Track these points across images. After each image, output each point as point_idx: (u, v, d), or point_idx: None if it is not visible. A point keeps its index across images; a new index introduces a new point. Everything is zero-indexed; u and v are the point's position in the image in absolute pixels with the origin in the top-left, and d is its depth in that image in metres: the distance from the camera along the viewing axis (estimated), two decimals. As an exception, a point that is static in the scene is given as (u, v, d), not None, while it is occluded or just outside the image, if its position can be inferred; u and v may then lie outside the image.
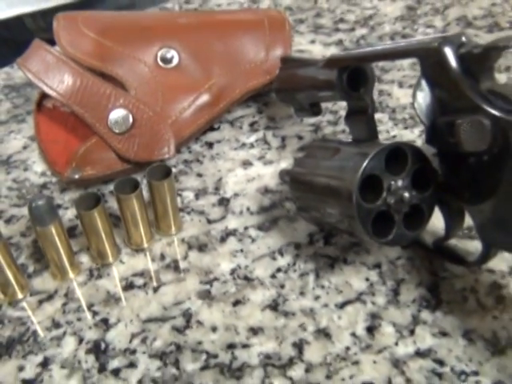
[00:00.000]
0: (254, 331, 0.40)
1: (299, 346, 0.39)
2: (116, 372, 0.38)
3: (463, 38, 0.35)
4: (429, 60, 0.36)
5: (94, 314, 0.42)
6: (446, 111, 0.36)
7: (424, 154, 0.38)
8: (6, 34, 0.98)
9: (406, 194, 0.37)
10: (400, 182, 0.37)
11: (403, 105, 0.58)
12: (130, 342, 0.40)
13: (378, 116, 0.57)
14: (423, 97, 0.37)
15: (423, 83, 0.37)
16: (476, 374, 0.37)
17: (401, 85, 0.61)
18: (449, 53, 0.34)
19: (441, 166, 0.38)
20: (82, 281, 0.44)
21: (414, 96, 0.37)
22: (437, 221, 0.41)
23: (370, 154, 0.36)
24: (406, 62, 0.63)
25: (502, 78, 0.59)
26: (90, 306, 0.42)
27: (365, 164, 0.36)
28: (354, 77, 0.44)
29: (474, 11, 0.73)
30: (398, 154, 0.37)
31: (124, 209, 0.43)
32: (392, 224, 0.38)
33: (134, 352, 0.39)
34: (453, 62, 0.34)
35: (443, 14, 0.73)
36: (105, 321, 0.41)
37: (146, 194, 0.45)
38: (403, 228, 0.38)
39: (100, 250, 0.44)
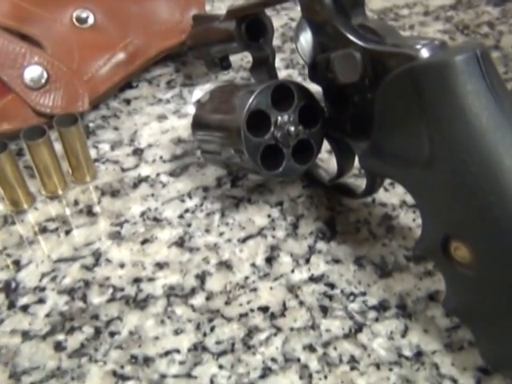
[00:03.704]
0: (160, 266, 0.43)
1: (201, 277, 0.42)
2: (25, 308, 0.40)
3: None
4: (307, 1, 0.38)
5: (7, 256, 0.43)
6: (325, 49, 0.38)
7: (310, 92, 0.41)
8: None
9: (292, 128, 0.40)
10: (286, 117, 0.40)
11: (315, 61, 0.61)
12: (40, 280, 0.42)
13: (288, 72, 0.59)
14: (305, 37, 0.39)
15: (304, 24, 0.39)
16: (364, 294, 0.40)
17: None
18: (322, -10, 0.37)
19: (325, 103, 0.41)
20: (-4, 227, 0.46)
21: (296, 37, 0.40)
22: (335, 163, 0.44)
23: (255, 91, 0.39)
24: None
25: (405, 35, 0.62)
26: (2, 250, 0.44)
27: (250, 100, 0.38)
28: (253, 28, 0.46)
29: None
30: (285, 92, 0.40)
31: (34, 156, 0.45)
32: (282, 157, 0.40)
33: (43, 289, 0.41)
34: (327, 1, 0.37)
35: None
36: (16, 262, 0.43)
37: (58, 145, 0.47)
38: (293, 161, 0.41)
39: (13, 198, 0.46)
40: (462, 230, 0.32)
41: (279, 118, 0.40)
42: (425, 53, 0.33)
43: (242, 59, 0.60)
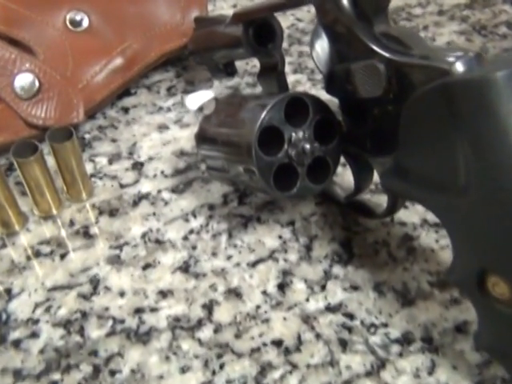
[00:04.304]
0: (164, 294, 0.39)
1: (209, 306, 0.38)
2: (17, 343, 0.37)
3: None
4: (323, 6, 0.35)
5: (-4, 284, 0.40)
6: (343, 58, 0.35)
7: (326, 105, 0.37)
8: None
9: (308, 146, 0.36)
10: (301, 134, 0.36)
11: (324, 65, 0.57)
12: (34, 311, 0.38)
13: (296, 77, 0.56)
14: (321, 45, 0.36)
15: (320, 31, 0.36)
16: (385, 325, 0.37)
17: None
18: (342, -3, 0.34)
19: (343, 117, 0.38)
20: (-15, 251, 0.42)
21: (311, 45, 0.36)
22: (351, 177, 0.41)
23: (268, 105, 0.35)
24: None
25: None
26: (-8, 277, 0.40)
27: (262, 115, 0.35)
28: (261, 33, 0.43)
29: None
30: (299, 105, 0.36)
31: (25, 175, 0.41)
32: (296, 177, 0.37)
33: (36, 322, 0.38)
34: (346, 5, 0.34)
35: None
36: (7, 291, 0.40)
37: (52, 160, 0.43)
38: (307, 181, 0.37)
39: (3, 219, 0.42)
40: (501, 264, 0.29)
41: (293, 134, 0.36)
42: (459, 67, 0.29)
43: (247, 63, 0.57)
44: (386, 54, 0.32)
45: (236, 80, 0.55)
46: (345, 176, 0.45)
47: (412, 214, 0.43)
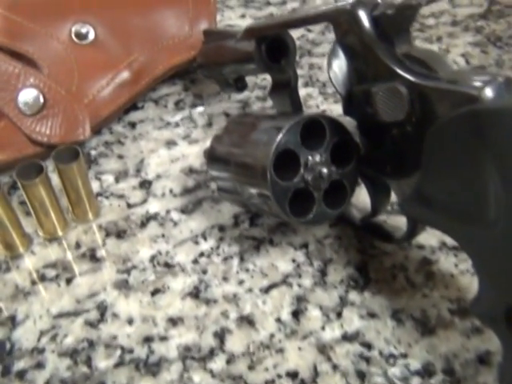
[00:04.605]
0: (174, 322, 0.38)
1: (221, 335, 0.37)
2: (21, 374, 0.35)
3: (378, -1, 0.33)
4: (342, 24, 0.33)
5: (0, 311, 0.38)
6: (362, 79, 0.33)
7: (343, 127, 0.36)
8: None
9: (325, 170, 0.35)
10: (318, 157, 0.35)
11: (336, 78, 0.56)
12: (39, 340, 0.37)
13: (308, 90, 0.54)
14: (339, 65, 0.34)
15: (338, 50, 0.34)
16: (405, 356, 0.36)
17: (333, 57, 0.59)
18: (362, 15, 0.32)
19: (361, 139, 0.36)
20: (-12, 275, 0.41)
21: (328, 64, 0.35)
22: (366, 197, 0.40)
23: (284, 128, 0.34)
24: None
25: (433, 48, 0.57)
26: (-5, 303, 0.39)
27: (278, 138, 0.33)
28: (274, 48, 0.42)
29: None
30: (315, 127, 0.35)
31: (30, 196, 0.40)
32: (312, 202, 0.35)
33: (42, 351, 0.36)
34: (366, 25, 0.32)
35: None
36: (12, 318, 0.38)
37: (56, 179, 0.42)
38: (324, 206, 0.36)
39: (7, 241, 0.41)
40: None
41: (309, 158, 0.35)
42: (488, 93, 0.28)
43: (257, 77, 0.55)
44: (410, 77, 0.30)
45: (245, 94, 0.54)
46: (360, 196, 0.43)
47: (430, 236, 0.42)
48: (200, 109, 0.53)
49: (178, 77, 0.56)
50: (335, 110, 0.52)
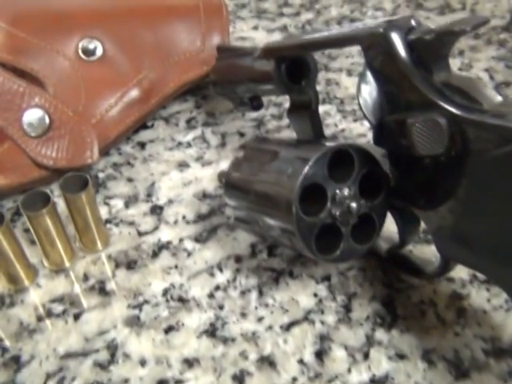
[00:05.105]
0: (189, 363, 0.35)
1: (240, 378, 0.34)
2: (27, 421, 0.33)
3: (412, 22, 0.30)
4: (373, 48, 0.31)
5: (4, 351, 0.36)
6: (396, 108, 0.31)
7: (373, 157, 0.33)
8: None
9: (354, 204, 0.32)
10: (346, 191, 0.32)
11: (352, 95, 0.54)
12: (45, 383, 0.34)
13: (325, 108, 0.52)
14: (369, 91, 0.32)
15: (368, 75, 0.32)
16: (438, 401, 0.33)
17: (349, 73, 0.56)
18: (396, 39, 0.30)
19: (391, 169, 0.34)
20: (-9, 311, 0.38)
21: (358, 90, 0.32)
22: (391, 225, 0.37)
23: (310, 160, 0.31)
24: (354, 48, 0.58)
25: (455, 63, 0.55)
26: (-1, 342, 0.37)
27: (305, 171, 0.31)
28: (294, 67, 0.39)
29: (424, -9, 0.69)
30: (342, 157, 0.32)
31: (36, 227, 0.38)
32: (339, 237, 0.33)
33: (49, 395, 0.34)
34: (401, 50, 0.30)
35: (393, -5, 0.68)
36: (16, 359, 0.36)
37: (62, 204, 0.39)
38: (352, 241, 0.33)
39: (11, 274, 0.38)
40: None
41: (337, 191, 0.32)
42: (541, 129, 0.25)
43: (272, 94, 0.53)
44: (451, 108, 0.28)
45: (260, 111, 0.51)
46: (385, 225, 0.41)
47: (459, 267, 0.39)
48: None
49: (189, 93, 0.53)
50: (355, 128, 0.50)
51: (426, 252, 0.40)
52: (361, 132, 0.50)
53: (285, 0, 0.67)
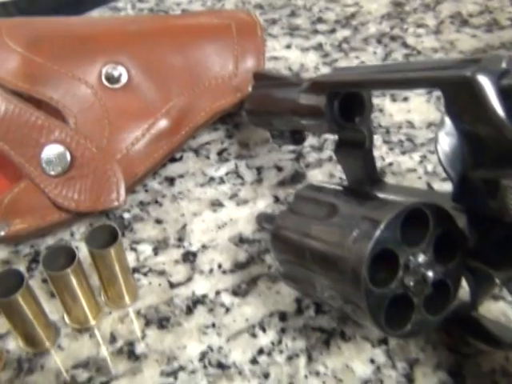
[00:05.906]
0: None
1: None
2: None
3: (504, 64, 0.26)
4: (457, 94, 0.26)
5: (22, 428, 0.32)
6: (483, 163, 0.26)
7: (449, 214, 0.29)
8: None
9: (431, 274, 0.28)
10: (421, 257, 0.28)
11: (398, 123, 0.49)
12: None
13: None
14: (449, 142, 0.28)
15: (449, 124, 0.27)
16: None
17: (394, 98, 0.52)
18: (487, 85, 0.25)
19: (470, 229, 0.29)
20: (8, 378, 0.34)
21: (436, 140, 0.28)
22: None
23: (382, 222, 0.27)
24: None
25: None
26: (16, 417, 0.32)
27: (376, 235, 0.27)
28: (346, 103, 0.35)
29: (468, 7, 0.64)
30: (415, 217, 0.28)
31: (58, 286, 0.33)
32: (410, 309, 0.29)
33: None
34: (493, 98, 0.25)
35: (435, 11, 0.64)
36: None
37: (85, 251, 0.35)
38: (424, 312, 0.29)
39: (29, 335, 0.34)
40: None
41: (411, 257, 0.28)
42: None
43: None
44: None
45: (299, 143, 0.47)
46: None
47: (534, 330, 0.35)
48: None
49: (220, 121, 0.49)
50: (403, 162, 0.46)
51: (493, 310, 0.36)
52: (410, 167, 0.45)
53: (319, 15, 0.63)
